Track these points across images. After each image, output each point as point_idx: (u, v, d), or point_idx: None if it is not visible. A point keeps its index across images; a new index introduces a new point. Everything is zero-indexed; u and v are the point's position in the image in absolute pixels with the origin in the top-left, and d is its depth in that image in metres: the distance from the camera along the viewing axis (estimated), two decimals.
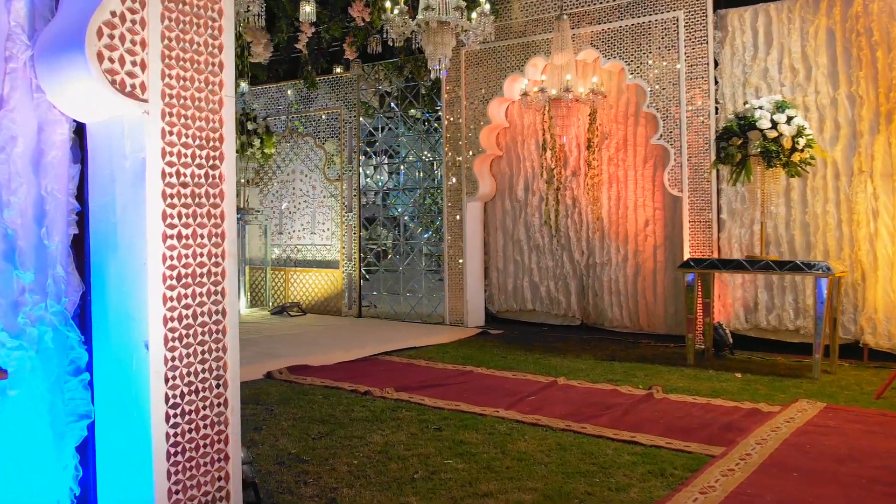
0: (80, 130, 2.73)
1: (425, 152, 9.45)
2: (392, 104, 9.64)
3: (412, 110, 9.49)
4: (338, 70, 9.95)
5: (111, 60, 2.47)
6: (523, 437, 4.30)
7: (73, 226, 2.69)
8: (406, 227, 9.73)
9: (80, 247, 2.74)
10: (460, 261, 8.95)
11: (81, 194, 2.72)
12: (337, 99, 10.02)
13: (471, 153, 8.85)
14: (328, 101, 10.11)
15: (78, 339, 2.69)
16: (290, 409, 4.89)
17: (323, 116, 10.17)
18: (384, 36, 6.82)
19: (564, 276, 8.57)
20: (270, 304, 10.33)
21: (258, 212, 10.68)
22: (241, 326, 7.72)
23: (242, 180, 10.41)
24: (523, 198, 8.87)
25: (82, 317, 2.75)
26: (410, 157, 9.58)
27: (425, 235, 9.52)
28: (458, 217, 8.98)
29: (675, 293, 7.68)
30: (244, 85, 10.56)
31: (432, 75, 6.73)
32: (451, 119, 8.99)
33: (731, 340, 6.85)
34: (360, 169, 9.86)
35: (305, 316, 9.76)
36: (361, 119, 9.82)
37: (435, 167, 9.31)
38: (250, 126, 9.66)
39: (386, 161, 9.75)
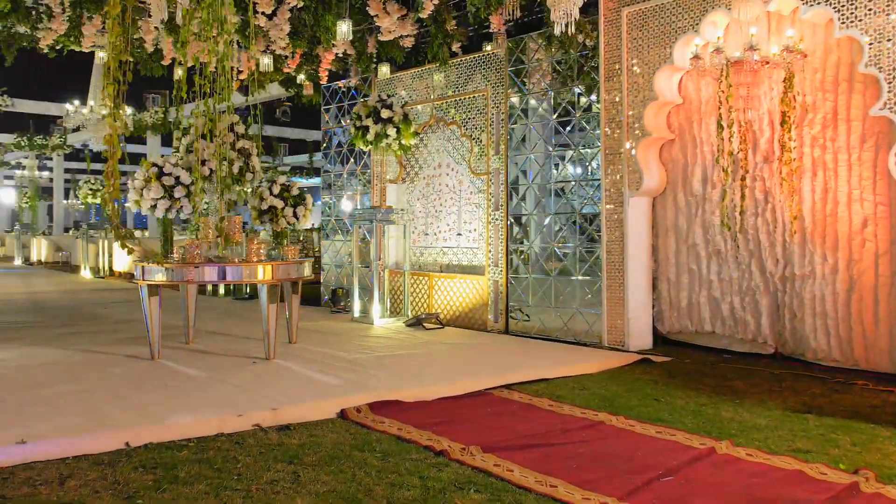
0: None
1: (579, 138, 7.89)
2: (543, 83, 8.15)
3: (564, 89, 7.95)
4: (488, 48, 8.63)
5: None
6: None
7: None
8: (560, 228, 8.21)
9: None
10: (621, 269, 7.32)
11: None
12: (484, 80, 8.69)
13: (634, 137, 7.19)
14: (475, 82, 8.82)
15: None
16: (321, 476, 3.63)
17: (468, 101, 8.89)
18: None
19: (753, 291, 6.69)
20: (409, 313, 9.20)
21: (402, 211, 9.60)
22: (360, 343, 6.52)
23: (385, 176, 9.37)
24: (701, 191, 7.07)
25: None
26: (563, 145, 8.05)
27: (580, 238, 7.95)
28: (618, 216, 7.35)
29: None
30: (384, 69, 9.54)
31: (556, 30, 5.22)
32: (610, 96, 7.37)
33: None
34: (509, 160, 8.47)
35: (443, 330, 8.52)
36: (511, 101, 8.43)
37: (592, 155, 7.73)
38: (385, 114, 8.57)
39: (535, 150, 8.29)
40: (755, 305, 6.69)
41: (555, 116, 8.08)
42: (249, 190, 7.08)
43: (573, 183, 8.07)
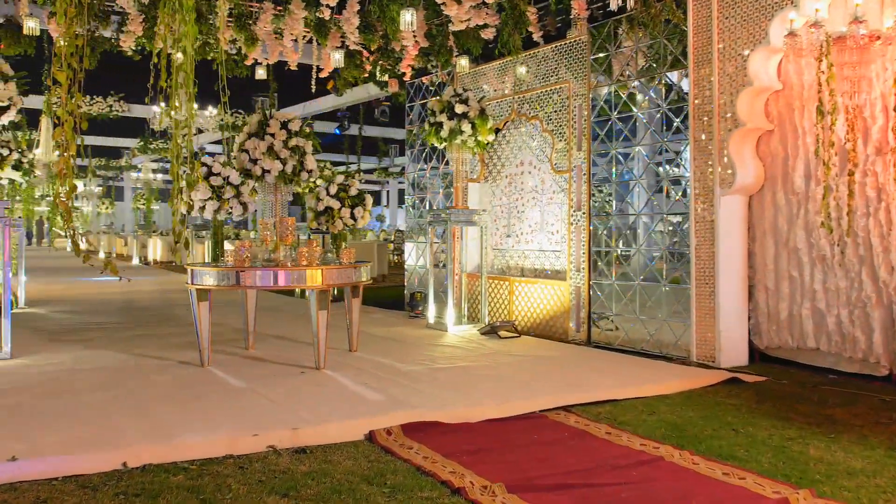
0: None
1: (667, 131, 7.14)
2: (628, 72, 7.45)
3: (650, 78, 7.22)
4: (571, 36, 8.00)
5: None
6: None
7: None
8: (645, 229, 7.48)
9: None
10: (711, 276, 6.55)
11: None
12: (567, 70, 8.06)
13: (725, 128, 6.41)
14: (557, 73, 8.20)
15: None
16: None
17: (550, 93, 8.28)
18: None
19: (864, 303, 5.79)
20: (486, 320, 8.67)
21: (479, 211, 9.08)
22: (424, 353, 6.01)
23: (465, 174, 8.89)
24: (803, 188, 6.21)
25: None
26: (650, 138, 7.32)
27: (667, 241, 7.21)
28: (708, 217, 6.58)
29: None
30: (463, 62, 9.06)
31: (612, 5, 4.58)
32: (699, 83, 6.61)
33: None
34: (591, 156, 7.81)
35: (519, 339, 7.95)
36: (594, 92, 7.77)
37: (680, 150, 6.98)
38: (460, 109, 8.08)
39: (619, 145, 7.59)
40: (866, 320, 5.78)
41: (640, 108, 7.36)
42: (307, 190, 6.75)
43: (660, 180, 7.33)
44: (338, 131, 20.89)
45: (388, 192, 43.70)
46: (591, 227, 7.81)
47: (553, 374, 6.05)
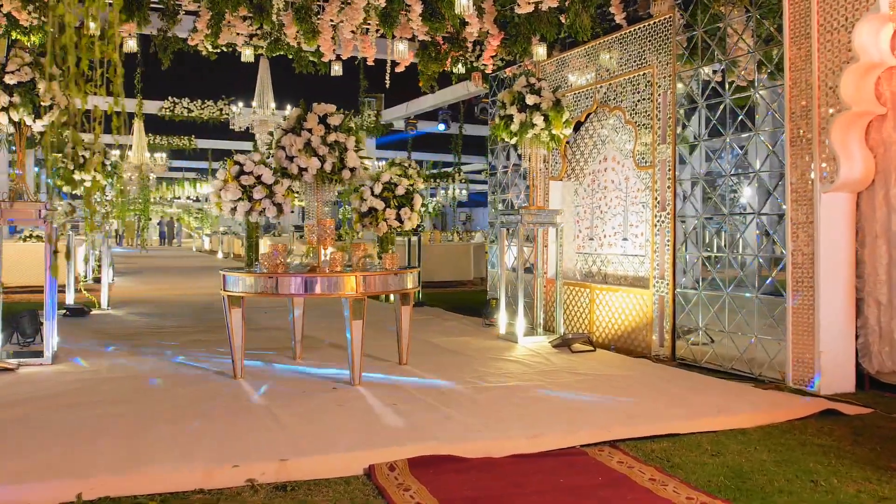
0: None
1: (761, 120, 6.19)
2: (717, 53, 6.53)
3: (741, 59, 6.30)
4: (655, 12, 7.16)
5: None
6: None
7: None
8: (735, 232, 6.55)
9: None
10: (810, 287, 5.59)
11: None
12: (652, 54, 7.21)
13: (826, 113, 5.44)
14: (641, 58, 7.36)
15: None
16: None
17: (633, 81, 7.45)
18: None
19: None
20: (562, 330, 7.90)
21: (560, 211, 8.33)
22: (480, 368, 5.47)
23: (538, 171, 8.18)
24: None
25: None
26: (741, 129, 6.37)
27: (759, 245, 6.26)
28: (806, 217, 5.63)
29: None
30: (539, 51, 8.36)
31: None
32: (796, 62, 5.67)
33: None
34: (676, 149, 6.94)
35: (594, 353, 7.17)
36: (680, 78, 6.90)
37: (776, 140, 6.03)
38: (531, 100, 7.38)
39: (707, 137, 6.68)
40: None
41: (730, 93, 6.44)
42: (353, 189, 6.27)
43: (753, 176, 6.39)
44: (444, 127, 20.43)
45: None
46: (676, 230, 6.93)
47: (617, 397, 5.26)
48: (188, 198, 35.68)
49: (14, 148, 6.51)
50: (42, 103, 6.15)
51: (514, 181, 9.59)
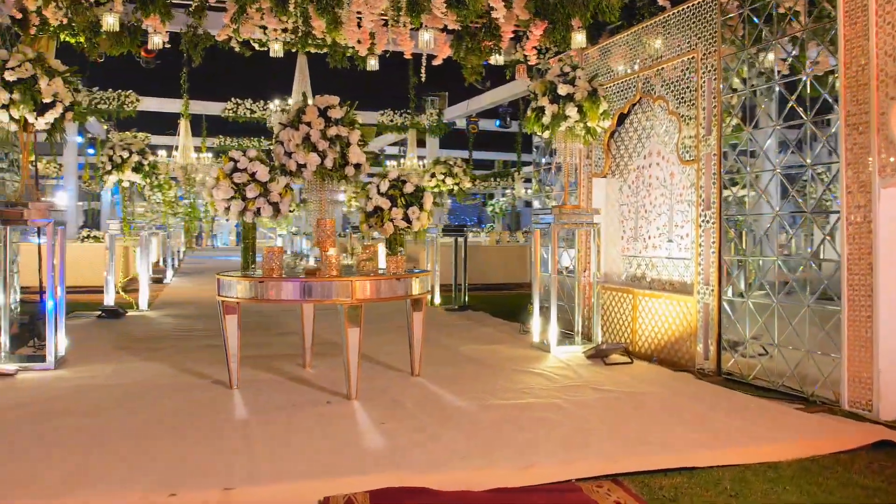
0: None
1: (812, 107, 5.48)
2: (765, 34, 5.84)
3: (790, 40, 5.59)
4: None
5: None
6: None
7: None
8: (784, 233, 5.85)
9: None
10: (867, 296, 4.88)
11: None
12: (696, 37, 6.55)
13: (887, 97, 4.73)
14: (685, 42, 6.71)
15: None
16: None
17: (677, 67, 6.80)
18: None
19: None
20: (600, 339, 7.29)
21: (598, 211, 7.72)
22: (496, 382, 5.59)
23: (572, 166, 7.60)
24: None
25: None
26: (791, 118, 5.66)
27: (811, 247, 5.54)
28: (863, 216, 4.91)
29: None
30: (578, 38, 7.77)
31: None
32: (851, 42, 4.96)
33: None
34: (721, 142, 6.26)
35: (630, 366, 6.55)
36: (725, 63, 6.22)
37: (830, 129, 5.31)
38: (563, 90, 6.81)
39: (756, 128, 5.98)
40: None
41: (779, 79, 5.75)
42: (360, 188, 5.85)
43: (804, 170, 5.67)
44: (499, 124, 19.96)
45: None
46: (722, 230, 6.26)
47: (632, 421, 4.67)
48: None
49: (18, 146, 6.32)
50: (44, 100, 5.93)
51: (557, 178, 9.01)
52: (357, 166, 5.51)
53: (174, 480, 3.49)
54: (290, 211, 5.56)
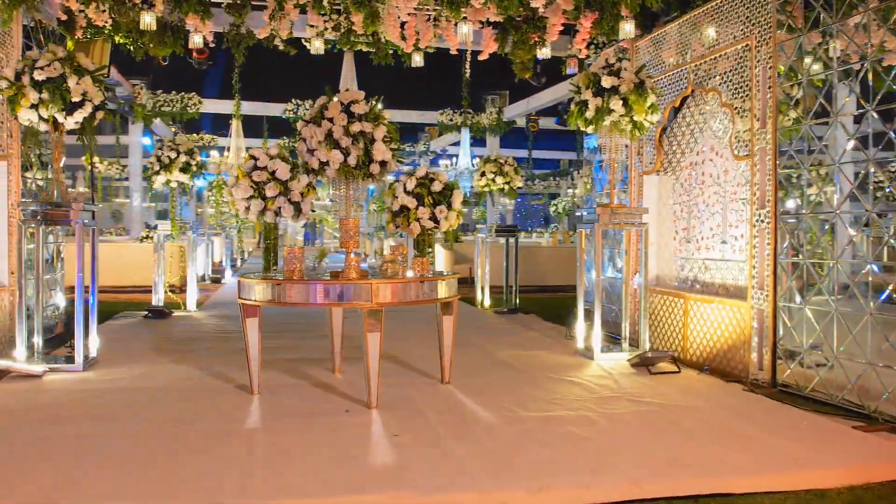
0: None
1: (878, 92, 4.98)
2: (823, 15, 5.37)
3: (850, 20, 5.11)
4: None
5: None
6: None
7: None
8: (845, 234, 5.35)
9: None
10: None
11: None
12: (748, 22, 6.11)
13: None
14: (738, 28, 6.26)
15: None
16: None
17: (730, 56, 6.36)
18: None
19: None
20: (648, 346, 6.89)
21: (645, 210, 7.31)
22: (528, 392, 5.34)
23: (616, 161, 7.22)
24: None
25: None
26: (851, 107, 5.17)
27: (874, 250, 5.04)
28: None
29: None
30: (627, 27, 7.39)
31: None
32: None
33: None
34: (776, 135, 5.80)
35: (678, 375, 6.15)
36: (780, 49, 5.76)
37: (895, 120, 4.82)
38: (607, 82, 6.44)
39: (815, 119, 5.50)
40: None
41: (840, 65, 5.27)
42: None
43: (867, 165, 5.18)
44: (556, 121, 19.55)
45: None
46: (778, 231, 5.80)
47: (666, 438, 4.30)
48: (330, 200, 36.35)
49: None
50: (73, 99, 5.87)
51: (607, 177, 8.60)
52: (382, 164, 5.27)
53: (163, 493, 3.31)
54: (313, 211, 5.34)
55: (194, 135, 22.87)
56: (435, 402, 5.06)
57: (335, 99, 5.23)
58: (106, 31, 8.60)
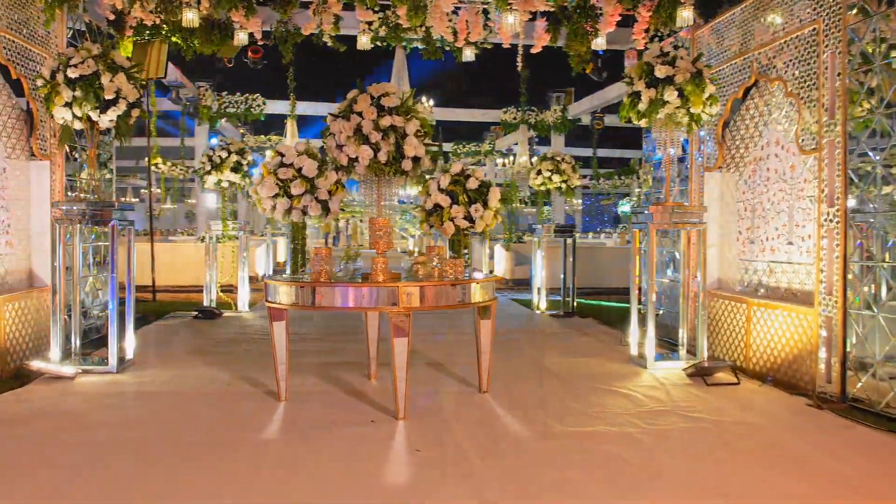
0: None
1: None
2: None
3: None
4: None
5: None
6: None
7: None
8: None
9: None
10: None
11: None
12: (815, 4, 5.61)
13: None
14: (804, 13, 5.76)
15: None
16: None
17: (795, 43, 5.86)
18: None
19: None
20: (706, 354, 6.43)
21: (703, 209, 6.83)
22: (570, 404, 4.98)
23: (668, 155, 6.76)
24: None
25: None
26: None
27: None
28: None
29: None
30: (685, 14, 6.95)
31: None
32: None
33: None
34: (846, 127, 5.30)
35: (737, 386, 5.69)
36: (851, 33, 5.25)
37: None
38: (661, 73, 6.02)
39: (887, 108, 4.97)
40: None
41: None
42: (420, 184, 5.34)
43: None
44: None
45: None
46: (848, 231, 5.29)
47: (714, 461, 3.88)
48: (399, 200, 36.30)
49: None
50: (106, 96, 5.77)
51: (677, 173, 8.14)
52: (415, 160, 4.98)
53: None
54: (342, 210, 5.11)
55: (262, 136, 23.06)
56: (467, 414, 4.75)
57: (365, 92, 4.97)
58: (164, 32, 8.56)
